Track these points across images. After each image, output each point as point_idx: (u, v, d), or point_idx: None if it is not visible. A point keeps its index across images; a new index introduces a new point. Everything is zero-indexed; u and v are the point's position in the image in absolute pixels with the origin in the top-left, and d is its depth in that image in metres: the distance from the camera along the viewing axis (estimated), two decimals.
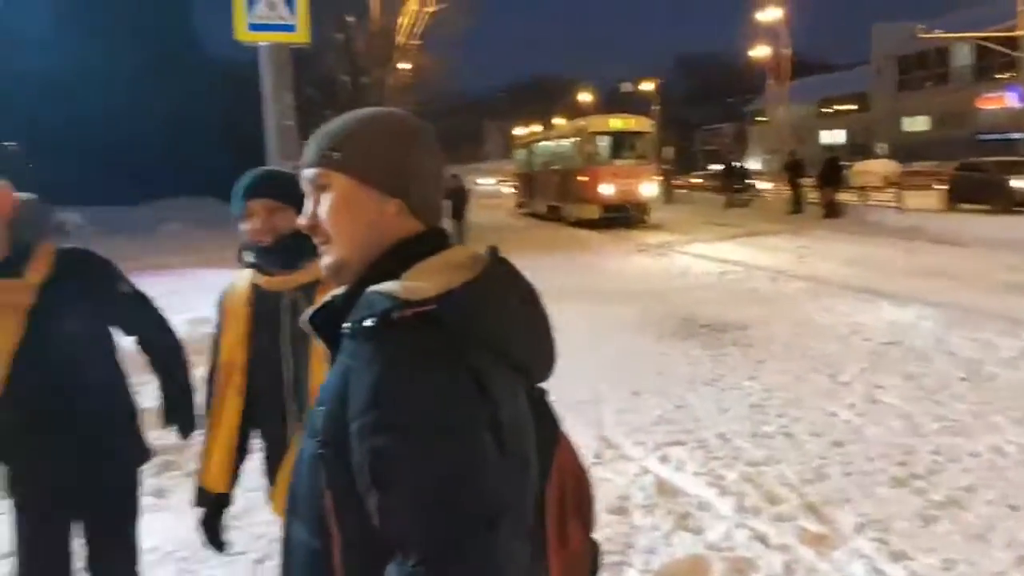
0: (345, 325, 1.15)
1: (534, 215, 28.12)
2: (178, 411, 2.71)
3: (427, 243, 1.23)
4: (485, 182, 56.97)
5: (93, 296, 2.47)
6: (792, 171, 25.09)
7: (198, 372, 2.57)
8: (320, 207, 1.25)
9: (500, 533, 1.05)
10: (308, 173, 1.26)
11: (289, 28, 7.74)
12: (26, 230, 2.40)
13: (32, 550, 2.47)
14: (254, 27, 7.65)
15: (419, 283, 1.14)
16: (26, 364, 2.33)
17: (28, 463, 2.43)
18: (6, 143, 24.72)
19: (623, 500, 4.17)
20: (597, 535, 3.76)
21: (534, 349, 1.26)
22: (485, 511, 1.05)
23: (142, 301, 2.65)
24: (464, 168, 46.02)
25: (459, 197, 18.13)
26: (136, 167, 23.25)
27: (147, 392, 2.85)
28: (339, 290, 1.26)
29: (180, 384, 2.71)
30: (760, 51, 36.95)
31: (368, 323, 1.10)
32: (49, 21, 22.33)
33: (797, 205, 24.31)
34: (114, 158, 22.99)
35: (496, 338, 1.16)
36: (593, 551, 1.39)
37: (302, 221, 1.26)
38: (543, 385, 1.34)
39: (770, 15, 33.67)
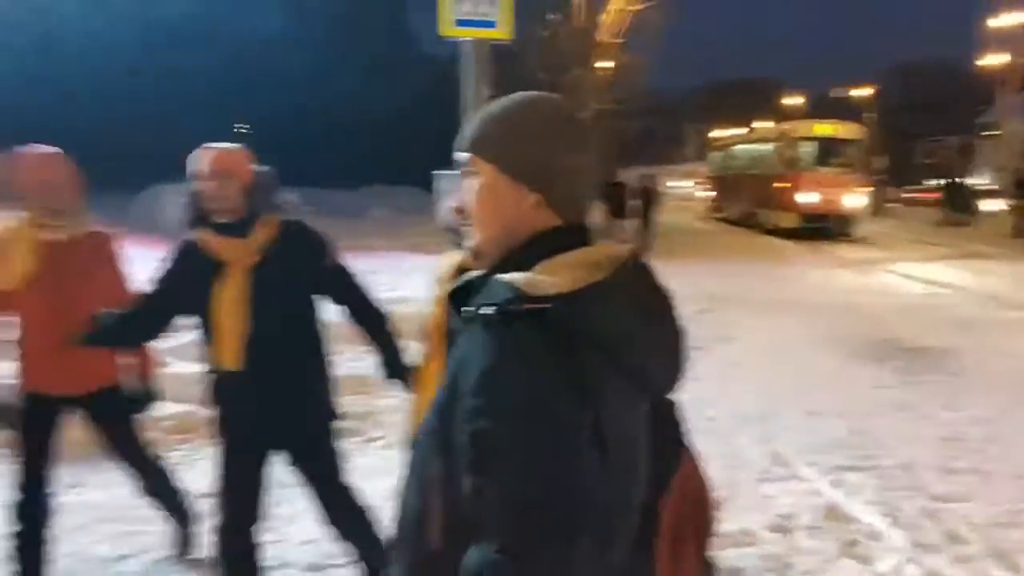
0: (467, 309, 1.17)
1: (726, 220, 27.38)
2: (396, 366, 2.95)
3: (564, 238, 1.22)
4: (680, 184, 56.00)
5: (306, 264, 2.77)
6: (1019, 190, 22.83)
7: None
8: (468, 191, 1.28)
9: (585, 539, 1.04)
10: (460, 157, 1.29)
11: (491, 24, 8.03)
12: (259, 198, 2.74)
13: (232, 488, 2.77)
14: (459, 23, 8.01)
15: (544, 278, 1.14)
16: (251, 315, 2.65)
17: (238, 407, 2.74)
18: (239, 127, 27.20)
19: (787, 520, 4.04)
20: (754, 551, 3.68)
21: (658, 359, 1.23)
22: (572, 513, 1.04)
23: (349, 275, 2.92)
24: (660, 169, 45.42)
25: (648, 197, 17.97)
26: (350, 155, 24.87)
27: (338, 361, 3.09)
28: (478, 271, 1.28)
29: (393, 344, 2.96)
30: (994, 59, 33.89)
31: (485, 311, 1.12)
32: (283, 23, 24.28)
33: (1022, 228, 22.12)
34: (332, 146, 24.67)
35: (614, 343, 1.14)
36: (707, 572, 1.35)
37: (454, 203, 1.30)
38: (673, 397, 1.31)
39: (1005, 20, 30.76)
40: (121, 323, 2.74)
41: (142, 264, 2.79)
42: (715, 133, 45.92)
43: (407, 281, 8.96)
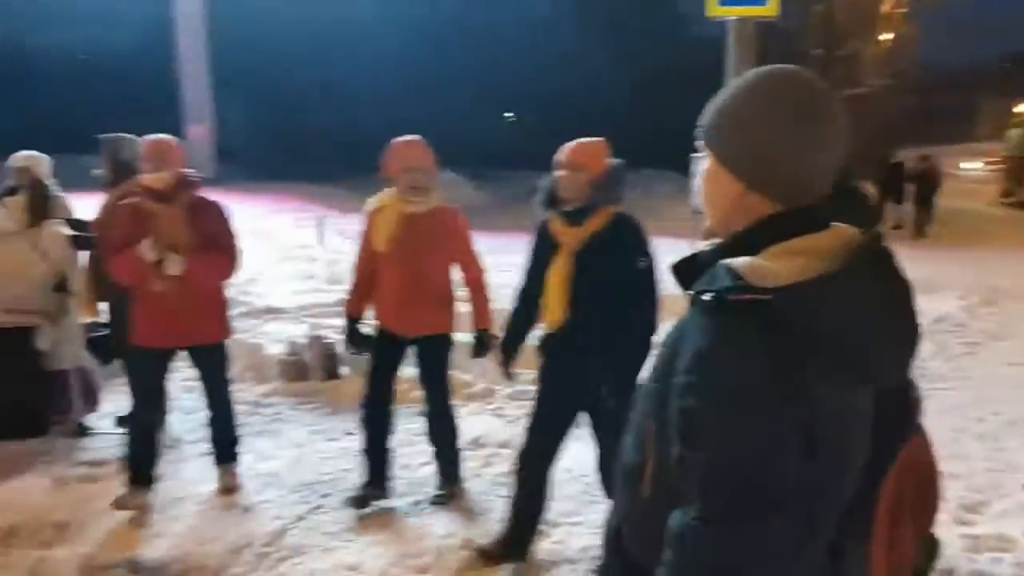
0: (689, 291, 1.23)
1: (1021, 206, 24.38)
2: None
3: (788, 224, 1.21)
4: (972, 166, 50.57)
5: (622, 258, 3.08)
6: None
7: None
8: (701, 175, 1.33)
9: (781, 519, 1.09)
10: (697, 142, 1.34)
11: (759, 2, 7.83)
12: (603, 190, 3.09)
13: (536, 430, 3.27)
14: (725, 2, 7.89)
15: (767, 265, 1.15)
16: (571, 293, 3.09)
17: (555, 364, 3.21)
18: (506, 114, 28.51)
19: None
20: (1010, 558, 3.46)
21: (886, 351, 1.19)
22: (768, 494, 1.09)
23: (649, 279, 3.13)
24: (948, 150, 41.19)
25: (926, 180, 16.50)
26: (611, 139, 25.19)
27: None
28: (707, 245, 1.31)
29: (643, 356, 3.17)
30: None
31: (706, 296, 1.15)
32: (546, 8, 25.01)
33: None
34: (592, 130, 25.14)
35: (835, 335, 1.12)
36: (928, 552, 1.35)
37: (695, 183, 1.40)
38: (906, 384, 1.27)
39: None
40: (524, 311, 3.35)
41: None
42: (1021, 108, 40.82)
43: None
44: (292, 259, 9.52)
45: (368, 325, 3.97)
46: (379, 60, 23.28)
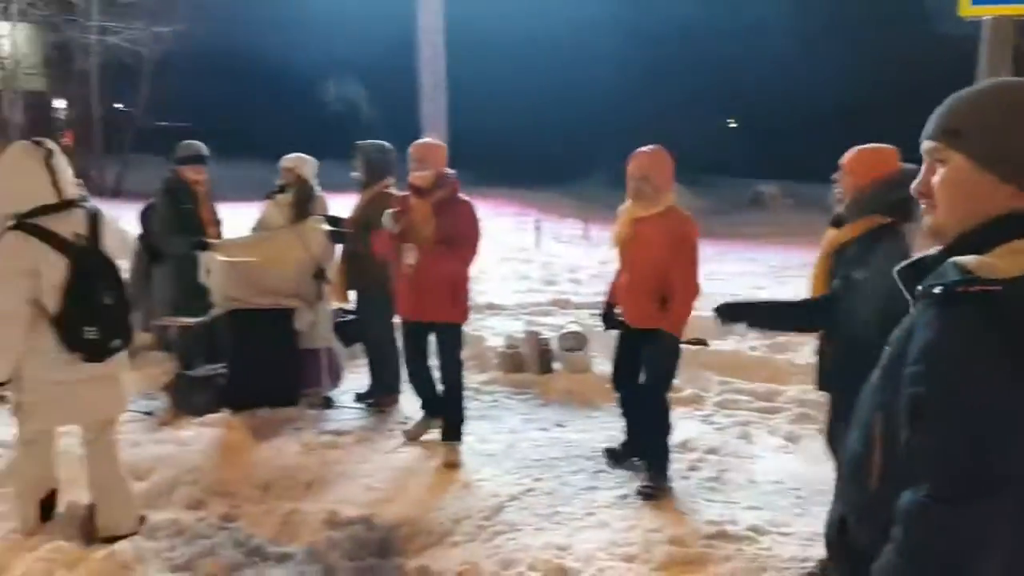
0: (919, 287, 1.29)
1: None
2: None
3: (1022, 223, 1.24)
4: None
5: (861, 266, 2.98)
6: None
7: None
8: (934, 176, 1.33)
9: (1008, 502, 1.14)
10: (927, 144, 1.34)
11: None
12: (866, 200, 3.06)
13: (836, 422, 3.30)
14: (978, 0, 7.31)
15: (998, 261, 1.20)
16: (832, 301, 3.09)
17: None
18: (728, 121, 27.91)
19: None
20: None
21: None
22: (996, 475, 1.14)
23: (852, 293, 3.03)
24: None
25: None
26: (838, 146, 23.98)
27: None
28: (932, 250, 1.35)
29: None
30: None
31: (936, 290, 1.21)
32: (785, 6, 24.12)
33: None
34: (819, 135, 24.06)
35: None
36: None
37: (914, 185, 1.38)
38: None
39: None
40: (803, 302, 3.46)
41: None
42: None
43: None
44: (511, 260, 10.04)
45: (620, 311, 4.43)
46: (600, 67, 23.64)
